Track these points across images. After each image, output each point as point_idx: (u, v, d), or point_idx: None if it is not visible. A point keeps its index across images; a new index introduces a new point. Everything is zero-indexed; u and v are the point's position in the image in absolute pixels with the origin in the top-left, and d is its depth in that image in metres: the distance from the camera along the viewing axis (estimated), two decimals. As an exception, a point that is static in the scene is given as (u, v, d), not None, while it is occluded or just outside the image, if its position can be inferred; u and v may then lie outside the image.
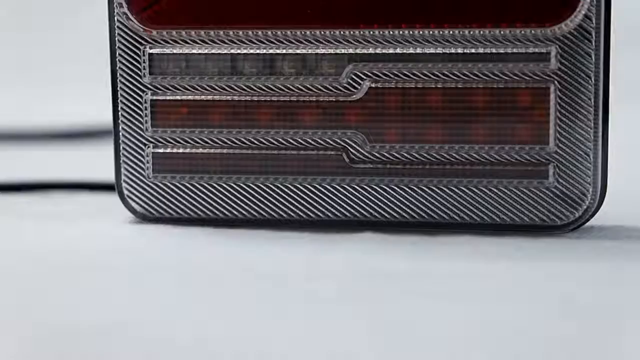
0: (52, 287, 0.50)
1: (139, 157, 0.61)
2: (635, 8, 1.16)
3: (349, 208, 0.60)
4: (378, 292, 0.49)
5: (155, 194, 0.61)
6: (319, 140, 0.59)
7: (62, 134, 1.04)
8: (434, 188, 0.59)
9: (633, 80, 1.05)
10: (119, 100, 0.61)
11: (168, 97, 0.61)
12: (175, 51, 0.60)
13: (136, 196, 0.61)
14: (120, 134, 0.61)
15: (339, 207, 0.60)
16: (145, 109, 0.61)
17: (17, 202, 0.70)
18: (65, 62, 1.31)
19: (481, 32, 0.57)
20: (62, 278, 0.52)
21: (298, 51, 0.59)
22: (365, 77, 0.58)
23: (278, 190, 0.60)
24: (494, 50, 0.57)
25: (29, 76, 1.30)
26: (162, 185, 0.61)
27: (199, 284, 0.50)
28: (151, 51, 0.60)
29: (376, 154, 0.59)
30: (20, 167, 0.83)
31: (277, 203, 0.60)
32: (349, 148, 0.59)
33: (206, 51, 0.60)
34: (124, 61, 0.60)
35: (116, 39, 0.60)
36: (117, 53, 0.60)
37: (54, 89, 1.24)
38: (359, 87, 0.59)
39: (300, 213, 0.60)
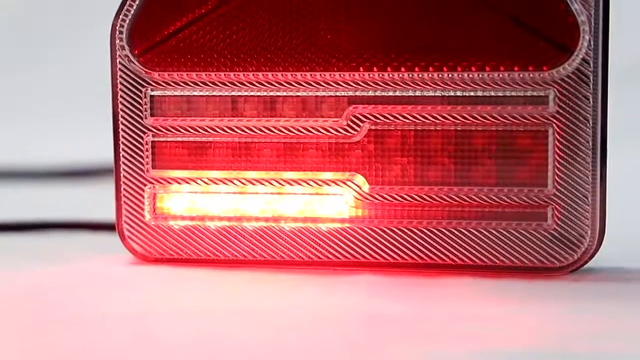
0: (50, 329, 0.50)
1: (140, 198, 0.61)
2: (633, 52, 1.17)
3: (348, 249, 0.60)
4: (377, 336, 0.49)
5: (155, 235, 0.61)
6: (319, 182, 0.60)
7: (62, 173, 1.04)
8: (434, 229, 0.59)
9: (631, 123, 1.05)
10: (120, 142, 0.61)
11: (169, 139, 0.61)
12: (176, 93, 0.61)
13: (136, 237, 0.62)
14: (122, 174, 0.61)
15: (338, 249, 0.60)
16: (147, 150, 0.61)
17: (17, 241, 0.70)
18: (66, 101, 1.32)
19: (480, 75, 0.57)
20: (61, 319, 0.52)
21: (298, 93, 0.59)
22: (365, 119, 0.59)
23: (277, 232, 0.60)
24: (492, 93, 0.57)
25: (30, 115, 1.31)
26: (162, 226, 0.61)
27: (199, 327, 0.50)
28: (152, 93, 0.61)
29: (376, 195, 0.59)
30: (20, 206, 0.83)
31: (276, 244, 0.60)
32: (349, 189, 0.59)
33: (207, 93, 0.60)
34: (125, 103, 0.61)
35: (118, 80, 0.61)
36: (119, 95, 0.61)
37: (55, 127, 1.24)
38: (359, 129, 0.59)
39: (299, 254, 0.60)
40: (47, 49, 1.39)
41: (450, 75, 0.58)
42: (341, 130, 0.59)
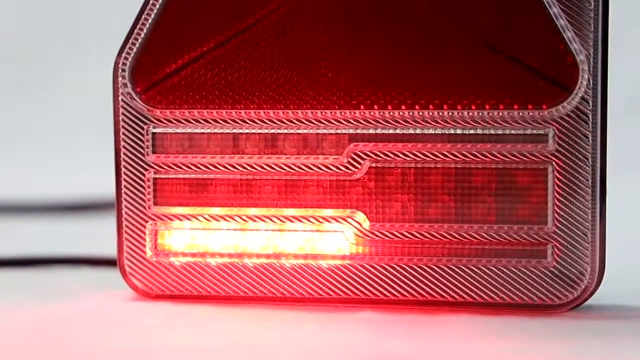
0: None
1: (141, 234, 0.62)
2: (631, 92, 1.17)
3: (348, 286, 0.60)
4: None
5: (156, 271, 0.62)
6: (320, 219, 0.60)
7: (63, 207, 1.04)
8: (434, 267, 0.59)
9: (630, 160, 1.05)
10: (122, 178, 0.61)
11: (171, 176, 0.61)
12: (178, 130, 0.61)
13: (138, 273, 0.62)
14: (123, 211, 0.62)
15: (339, 285, 0.60)
16: (148, 187, 0.61)
17: (18, 277, 0.70)
18: (68, 136, 1.32)
19: (480, 114, 0.58)
20: (62, 356, 0.52)
21: (299, 131, 0.60)
22: (365, 157, 0.59)
23: (278, 268, 0.61)
24: (492, 132, 0.58)
25: (32, 150, 1.31)
26: (163, 263, 0.62)
27: (199, 363, 0.51)
28: (154, 130, 0.61)
29: (376, 232, 0.60)
30: (21, 242, 0.83)
31: (277, 281, 0.61)
32: (350, 226, 0.60)
33: (209, 131, 0.61)
34: (127, 140, 0.61)
35: (120, 118, 0.61)
36: (121, 132, 0.61)
37: (56, 162, 1.25)
38: (360, 167, 0.59)
39: (300, 291, 0.60)
40: (50, 85, 1.39)
41: (450, 113, 0.58)
42: (342, 168, 0.60)
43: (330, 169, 0.60)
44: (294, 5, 0.59)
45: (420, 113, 0.58)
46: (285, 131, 0.60)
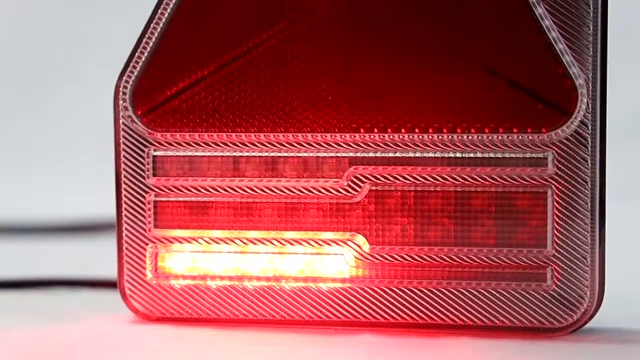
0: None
1: (142, 257, 0.62)
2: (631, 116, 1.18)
3: (348, 309, 0.60)
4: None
5: (157, 294, 0.62)
6: (320, 242, 0.60)
7: (62, 228, 1.04)
8: (433, 290, 0.59)
9: (629, 184, 1.06)
10: (122, 201, 0.62)
11: (171, 198, 0.61)
12: (178, 153, 0.61)
13: (138, 296, 0.62)
14: (124, 233, 0.62)
15: (338, 308, 0.60)
16: (149, 209, 0.62)
17: (17, 299, 0.70)
18: (69, 157, 1.32)
19: (479, 137, 0.58)
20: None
21: (299, 154, 0.60)
22: (365, 180, 0.59)
23: (278, 291, 0.61)
24: (492, 155, 0.58)
25: (32, 171, 1.31)
26: (164, 285, 0.62)
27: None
28: (155, 153, 0.61)
29: (376, 255, 0.60)
30: (20, 263, 0.83)
31: (277, 304, 0.61)
32: (350, 249, 0.60)
33: (209, 154, 0.61)
34: (128, 162, 0.61)
35: (121, 140, 0.61)
36: (122, 154, 0.61)
37: (56, 184, 1.25)
38: (360, 190, 0.60)
39: (300, 314, 0.60)
40: (50, 106, 1.40)
41: (450, 137, 0.58)
42: (342, 191, 0.60)
43: (330, 192, 0.60)
44: (294, 29, 0.59)
45: (420, 136, 0.59)
46: (286, 154, 0.60)
